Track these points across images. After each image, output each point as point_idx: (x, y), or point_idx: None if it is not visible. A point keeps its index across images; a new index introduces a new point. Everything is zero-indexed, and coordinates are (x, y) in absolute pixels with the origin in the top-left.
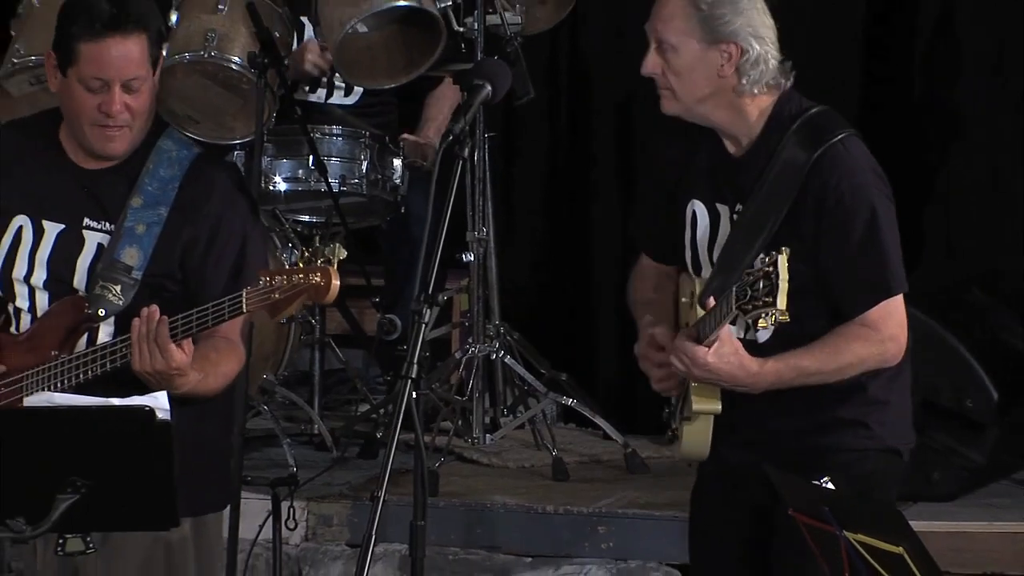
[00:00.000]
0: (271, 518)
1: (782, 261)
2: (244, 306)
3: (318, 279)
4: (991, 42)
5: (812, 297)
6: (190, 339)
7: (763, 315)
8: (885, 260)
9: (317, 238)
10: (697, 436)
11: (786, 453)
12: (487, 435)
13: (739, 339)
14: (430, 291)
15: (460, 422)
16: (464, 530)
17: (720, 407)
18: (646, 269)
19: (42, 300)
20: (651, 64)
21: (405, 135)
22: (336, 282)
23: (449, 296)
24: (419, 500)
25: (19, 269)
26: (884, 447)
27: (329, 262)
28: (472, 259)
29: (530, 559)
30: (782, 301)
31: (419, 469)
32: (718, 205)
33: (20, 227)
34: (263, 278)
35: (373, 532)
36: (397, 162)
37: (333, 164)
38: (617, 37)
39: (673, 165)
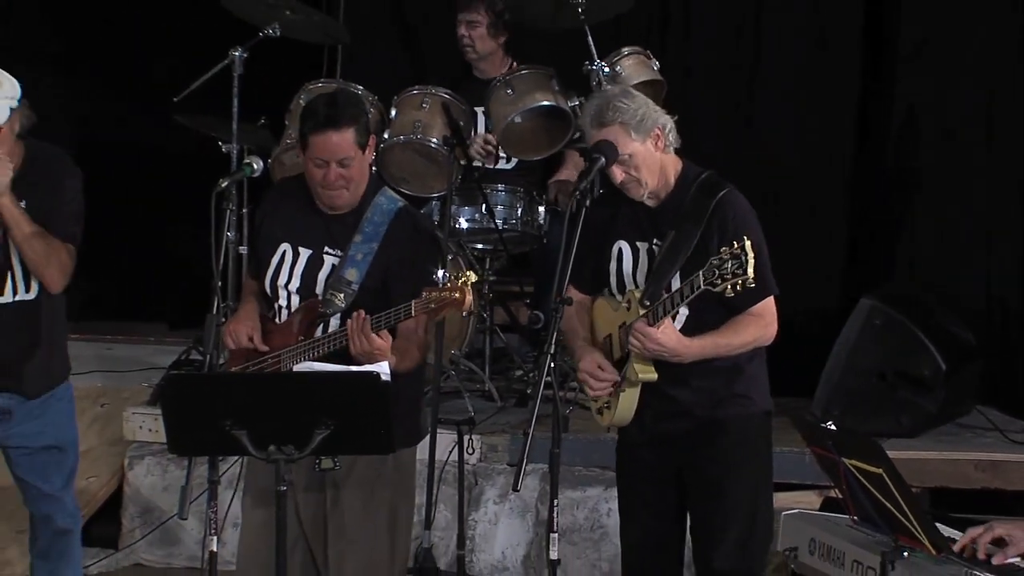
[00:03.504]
0: (457, 447)
1: (749, 244)
2: (412, 312)
3: (457, 296)
4: (945, 122)
5: (714, 299)
6: (386, 331)
7: (731, 286)
8: (766, 273)
9: (487, 260)
10: (628, 403)
11: (695, 422)
12: None
13: None
14: (563, 295)
15: None
16: (585, 455)
17: (656, 376)
18: (573, 302)
19: (294, 301)
20: (619, 176)
21: (554, 177)
22: (469, 298)
23: None
24: (556, 435)
25: (282, 279)
26: (761, 411)
27: (466, 284)
28: None
29: None
30: (751, 271)
31: (556, 414)
32: (638, 243)
33: (284, 250)
34: (425, 293)
35: (525, 456)
36: (541, 209)
37: (498, 210)
38: (684, 123)
39: (598, 221)
